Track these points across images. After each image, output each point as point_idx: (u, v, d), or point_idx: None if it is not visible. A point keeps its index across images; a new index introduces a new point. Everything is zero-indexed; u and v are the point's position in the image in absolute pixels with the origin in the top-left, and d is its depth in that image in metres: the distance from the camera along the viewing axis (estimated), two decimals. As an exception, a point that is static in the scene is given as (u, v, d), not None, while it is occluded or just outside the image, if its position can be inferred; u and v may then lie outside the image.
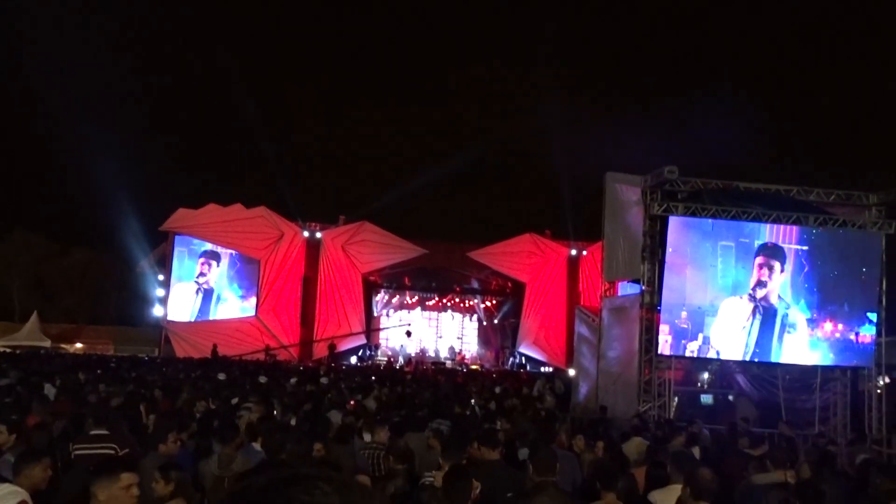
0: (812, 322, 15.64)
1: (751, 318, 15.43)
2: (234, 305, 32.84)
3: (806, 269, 15.54)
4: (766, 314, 15.45)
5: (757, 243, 15.46)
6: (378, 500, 0.95)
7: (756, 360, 15.70)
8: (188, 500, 4.92)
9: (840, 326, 15.71)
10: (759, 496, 5.58)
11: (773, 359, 15.64)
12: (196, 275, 32.72)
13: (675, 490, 5.47)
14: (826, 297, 15.62)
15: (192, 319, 32.23)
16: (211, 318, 32.33)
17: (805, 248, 15.55)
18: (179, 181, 43.70)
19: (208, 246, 32.64)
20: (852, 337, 15.71)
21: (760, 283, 15.43)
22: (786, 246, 15.53)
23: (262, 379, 15.92)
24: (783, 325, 15.51)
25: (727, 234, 15.39)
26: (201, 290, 32.76)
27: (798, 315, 15.59)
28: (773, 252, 15.48)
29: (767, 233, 15.49)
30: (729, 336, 15.39)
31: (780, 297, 15.52)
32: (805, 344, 15.62)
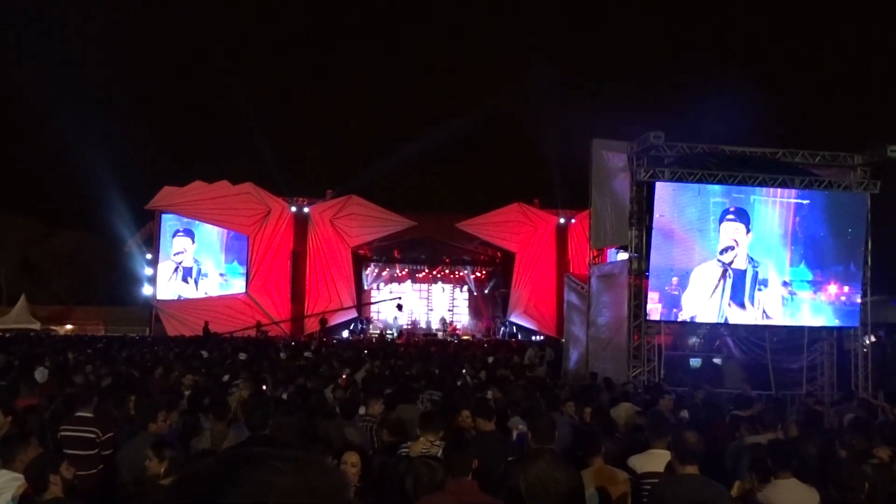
0: (799, 284, 15.77)
1: (721, 281, 15.53)
2: (214, 281, 32.77)
3: (791, 230, 15.63)
4: (736, 277, 15.57)
5: (752, 198, 15.52)
6: (336, 477, 0.93)
7: (729, 321, 15.88)
8: None
9: (827, 287, 15.85)
10: (761, 454, 5.65)
11: (748, 321, 15.79)
12: (173, 253, 32.66)
13: (654, 454, 5.53)
14: (813, 258, 15.74)
15: (174, 297, 32.20)
16: (189, 295, 32.33)
17: (793, 201, 15.63)
18: (164, 159, 43.30)
19: (182, 223, 32.50)
20: (839, 297, 15.87)
21: (728, 248, 15.53)
22: (779, 200, 15.58)
23: (242, 356, 15.89)
24: (754, 285, 15.61)
25: (715, 195, 15.46)
26: (180, 267, 32.70)
27: (771, 273, 15.68)
28: (738, 215, 15.55)
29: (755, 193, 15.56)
30: (701, 301, 15.51)
31: (749, 258, 15.61)
32: (780, 301, 15.77)
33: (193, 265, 32.74)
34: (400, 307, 35.85)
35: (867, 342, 16.51)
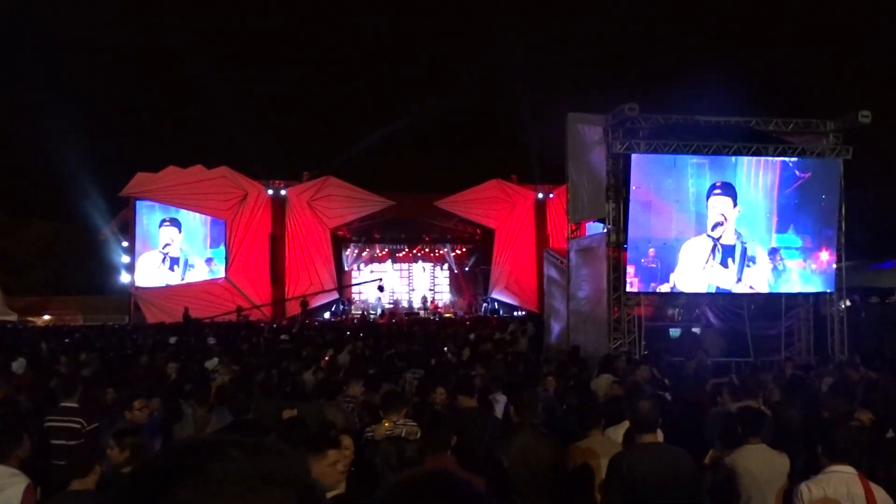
0: (774, 252, 15.94)
1: (710, 256, 15.68)
2: (202, 270, 32.62)
3: (776, 196, 15.76)
4: (725, 252, 15.71)
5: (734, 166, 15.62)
6: (294, 462, 0.92)
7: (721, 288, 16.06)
8: None
9: (815, 254, 16.05)
10: (732, 422, 5.71)
11: (737, 290, 16.02)
12: (161, 245, 32.40)
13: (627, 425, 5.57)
14: (789, 226, 15.90)
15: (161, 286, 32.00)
16: (145, 282, 32.15)
17: (778, 163, 15.75)
18: (136, 144, 42.64)
19: (167, 213, 32.24)
20: (814, 264, 16.07)
21: (717, 224, 15.66)
22: (761, 169, 15.69)
23: (211, 340, 15.85)
24: (743, 259, 15.78)
25: (692, 165, 15.56)
26: (167, 258, 32.46)
27: (758, 248, 15.86)
28: (724, 189, 15.67)
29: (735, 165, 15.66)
30: (691, 276, 15.66)
31: (737, 233, 15.76)
32: (769, 274, 15.95)
33: (180, 255, 32.52)
34: (381, 288, 35.84)
35: (843, 307, 16.75)
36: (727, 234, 15.74)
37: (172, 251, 32.56)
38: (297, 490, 0.91)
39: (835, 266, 16.17)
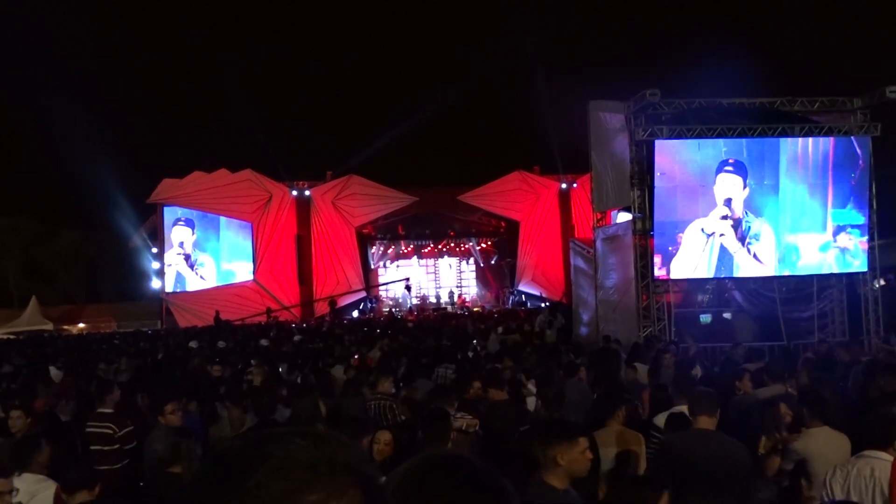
0: (840, 229, 15.62)
1: (711, 238, 15.41)
2: (211, 270, 32.98)
3: (795, 179, 15.52)
4: (734, 229, 15.47)
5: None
6: (356, 451, 0.99)
7: (725, 276, 15.82)
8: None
9: (833, 233, 15.77)
10: (756, 410, 5.65)
11: (736, 273, 15.75)
12: (177, 243, 32.84)
13: (678, 412, 5.54)
14: (816, 205, 15.65)
15: (177, 289, 32.43)
16: (189, 286, 32.57)
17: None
18: (161, 151, 43.14)
19: (182, 213, 32.64)
20: (847, 243, 15.79)
21: (727, 200, 15.40)
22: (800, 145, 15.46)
23: (221, 344, 16.03)
24: (744, 238, 15.49)
25: (718, 147, 15.34)
26: (183, 257, 32.92)
27: (765, 226, 15.56)
28: (736, 167, 15.41)
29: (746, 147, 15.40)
30: (692, 259, 15.45)
31: (745, 212, 15.48)
32: (797, 253, 15.70)
33: (192, 252, 32.94)
34: (409, 288, 35.87)
35: (877, 286, 16.46)
36: (736, 210, 15.46)
37: (187, 250, 32.97)
38: (359, 477, 0.95)
39: (867, 245, 15.87)
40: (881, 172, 16.28)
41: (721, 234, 15.39)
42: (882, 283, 17.26)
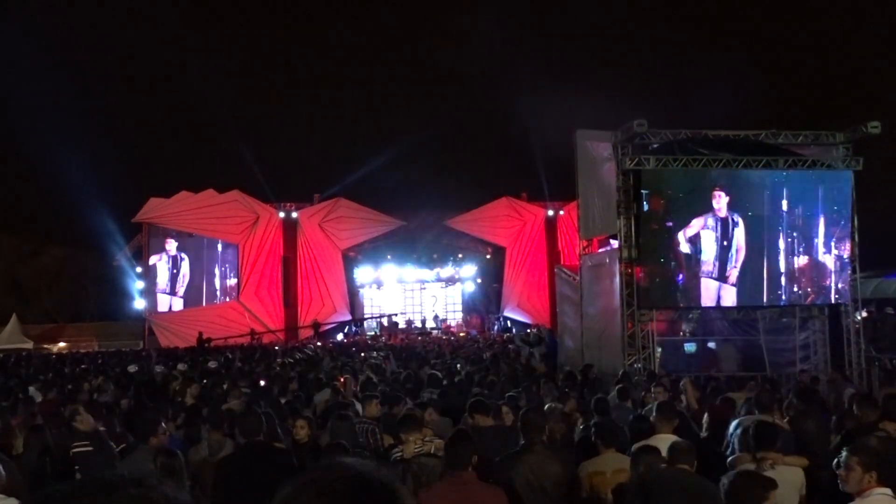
0: (788, 262, 15.81)
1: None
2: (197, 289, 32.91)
3: (779, 211, 15.68)
4: (718, 259, 15.60)
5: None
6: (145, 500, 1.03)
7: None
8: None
9: (816, 265, 15.93)
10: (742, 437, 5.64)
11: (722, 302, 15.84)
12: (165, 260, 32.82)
13: (659, 439, 5.55)
14: (800, 237, 15.81)
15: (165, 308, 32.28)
16: (160, 307, 32.45)
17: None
18: (148, 170, 43.06)
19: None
20: (830, 274, 15.94)
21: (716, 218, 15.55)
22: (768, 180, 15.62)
23: (212, 364, 15.91)
24: (734, 261, 15.61)
25: (704, 178, 15.49)
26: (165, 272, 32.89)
27: (749, 256, 15.65)
28: (724, 189, 15.55)
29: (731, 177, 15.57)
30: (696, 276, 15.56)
31: (730, 241, 15.59)
32: (780, 284, 15.82)
33: (179, 266, 32.86)
34: (396, 325, 35.42)
35: (859, 318, 16.62)
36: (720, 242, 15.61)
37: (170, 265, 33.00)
38: None
39: (849, 277, 16.05)
40: (863, 206, 16.51)
41: (704, 262, 15.50)
42: (864, 314, 17.42)
